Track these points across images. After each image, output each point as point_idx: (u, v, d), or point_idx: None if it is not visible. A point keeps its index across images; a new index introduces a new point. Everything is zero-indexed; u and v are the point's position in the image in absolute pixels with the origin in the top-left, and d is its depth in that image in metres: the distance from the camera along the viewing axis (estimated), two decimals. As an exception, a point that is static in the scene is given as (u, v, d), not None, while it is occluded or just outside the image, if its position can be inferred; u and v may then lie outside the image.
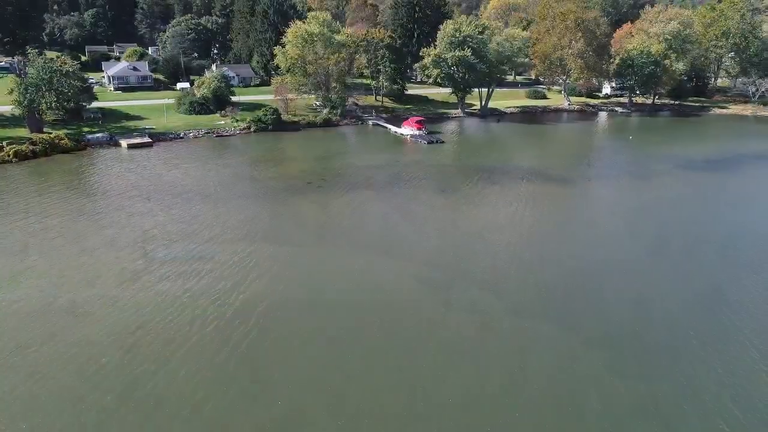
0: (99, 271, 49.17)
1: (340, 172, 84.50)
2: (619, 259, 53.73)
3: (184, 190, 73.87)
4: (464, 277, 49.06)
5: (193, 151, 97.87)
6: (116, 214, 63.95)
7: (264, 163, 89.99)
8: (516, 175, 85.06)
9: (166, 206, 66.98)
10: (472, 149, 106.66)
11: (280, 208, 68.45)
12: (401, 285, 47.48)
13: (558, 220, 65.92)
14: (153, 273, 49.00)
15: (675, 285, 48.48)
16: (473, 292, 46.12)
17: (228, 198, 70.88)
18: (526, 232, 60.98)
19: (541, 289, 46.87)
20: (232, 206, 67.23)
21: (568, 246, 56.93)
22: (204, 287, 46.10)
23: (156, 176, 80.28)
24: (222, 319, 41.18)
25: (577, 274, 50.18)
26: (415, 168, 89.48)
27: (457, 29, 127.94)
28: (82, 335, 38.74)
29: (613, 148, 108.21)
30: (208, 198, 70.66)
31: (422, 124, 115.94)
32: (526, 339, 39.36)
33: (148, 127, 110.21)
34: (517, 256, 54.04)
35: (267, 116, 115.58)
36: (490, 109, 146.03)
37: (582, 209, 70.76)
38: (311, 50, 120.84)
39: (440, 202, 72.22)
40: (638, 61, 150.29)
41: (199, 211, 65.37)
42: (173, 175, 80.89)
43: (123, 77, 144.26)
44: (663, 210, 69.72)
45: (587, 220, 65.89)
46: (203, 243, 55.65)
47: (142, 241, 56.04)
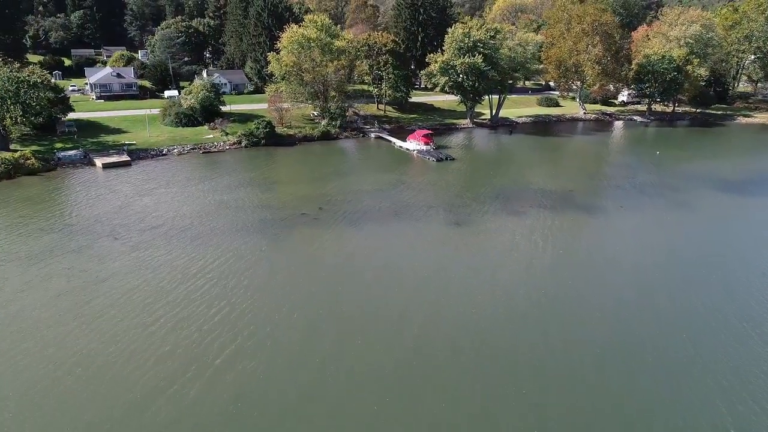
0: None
1: (339, 199, 74.30)
2: (680, 326, 43.66)
3: (156, 223, 63.72)
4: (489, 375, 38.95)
5: (175, 171, 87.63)
6: (65, 259, 53.74)
7: (253, 186, 79.75)
8: (537, 202, 74.94)
9: (129, 247, 56.81)
10: (486, 167, 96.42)
11: (265, 252, 58.01)
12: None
13: (597, 271, 55.63)
14: (88, 369, 38.87)
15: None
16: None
17: (206, 234, 60.68)
18: (561, 295, 50.78)
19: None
20: (208, 247, 57.01)
21: (623, 313, 46.82)
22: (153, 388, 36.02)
23: (127, 205, 70.03)
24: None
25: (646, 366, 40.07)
26: (424, 192, 79.33)
27: (467, 34, 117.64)
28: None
29: (640, 166, 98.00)
30: (183, 234, 60.46)
31: (430, 138, 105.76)
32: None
33: (128, 142, 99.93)
34: (563, 342, 43.89)
35: (259, 129, 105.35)
36: (500, 119, 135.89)
37: (622, 250, 60.48)
38: (308, 57, 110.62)
39: (452, 240, 61.96)
40: (659, 67, 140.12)
41: (167, 254, 55.18)
42: (147, 204, 70.65)
43: (106, 85, 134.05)
44: (716, 251, 59.65)
45: (633, 267, 55.61)
46: (158, 310, 45.49)
47: (83, 302, 45.90)
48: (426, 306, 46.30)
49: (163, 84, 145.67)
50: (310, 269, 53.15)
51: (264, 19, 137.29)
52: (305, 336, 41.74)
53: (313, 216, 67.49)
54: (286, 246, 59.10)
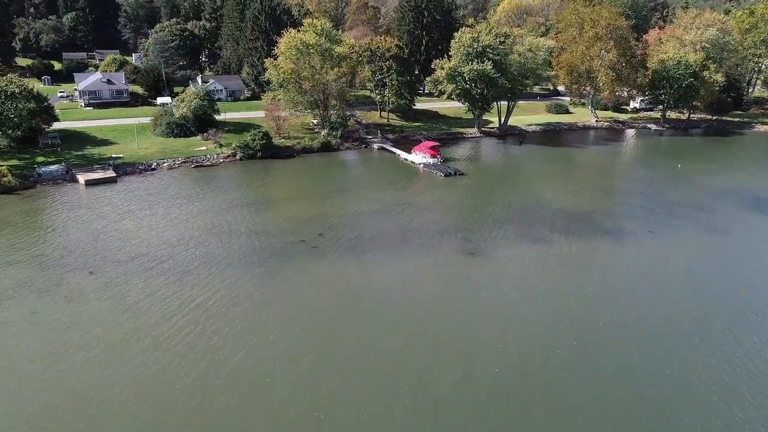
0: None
1: (341, 222, 67.91)
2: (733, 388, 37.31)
3: (136, 252, 57.39)
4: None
5: (164, 188, 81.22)
6: (29, 301, 47.36)
7: (247, 207, 73.32)
8: (556, 225, 68.58)
9: (103, 283, 50.48)
10: (497, 183, 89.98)
11: (256, 292, 51.50)
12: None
13: (632, 315, 49.14)
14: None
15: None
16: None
17: (190, 267, 54.34)
18: (592, 351, 44.37)
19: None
20: (191, 284, 50.66)
21: (669, 369, 40.44)
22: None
23: (106, 230, 63.63)
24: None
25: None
26: (432, 213, 72.96)
27: (476, 39, 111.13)
28: None
29: (663, 182, 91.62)
30: (164, 267, 54.12)
31: (437, 151, 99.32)
32: None
33: (115, 155, 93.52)
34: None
35: (255, 141, 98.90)
36: (509, 127, 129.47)
37: (658, 286, 54.07)
38: (307, 64, 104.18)
39: (464, 274, 55.54)
40: (674, 73, 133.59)
41: (143, 292, 48.82)
42: (129, 229, 64.25)
43: (95, 91, 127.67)
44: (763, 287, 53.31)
45: (674, 307, 49.21)
46: (128, 364, 39.13)
47: (41, 358, 39.53)
48: (442, 362, 39.90)
49: (156, 90, 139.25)
50: (306, 314, 46.75)
51: (261, 22, 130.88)
52: (300, 393, 35.38)
53: (311, 244, 61.11)
54: (279, 283, 52.62)
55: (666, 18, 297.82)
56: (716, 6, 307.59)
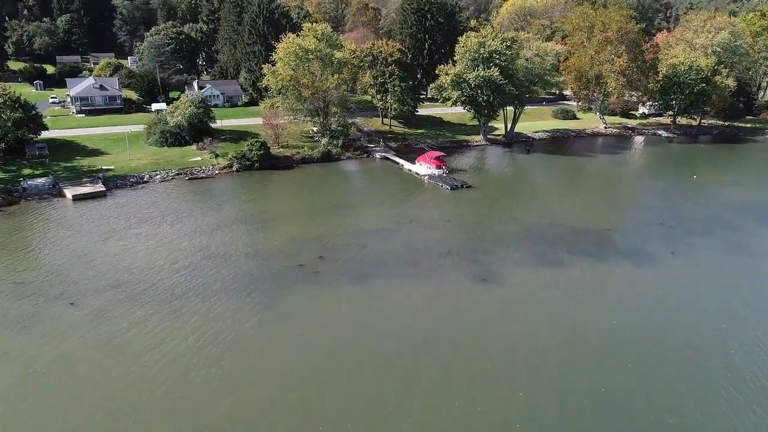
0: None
1: (342, 243, 63.65)
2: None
3: (121, 279, 53.20)
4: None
5: (154, 204, 76.93)
6: (1, 338, 43.09)
7: (243, 225, 69.05)
8: (572, 246, 64.35)
9: (85, 316, 46.20)
10: (506, 196, 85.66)
11: (249, 328, 47.22)
12: None
13: (660, 348, 44.89)
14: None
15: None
16: None
17: (178, 296, 50.09)
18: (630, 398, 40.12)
19: None
20: (176, 317, 46.43)
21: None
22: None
23: (91, 253, 59.38)
24: None
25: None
26: (439, 232, 68.78)
27: (482, 44, 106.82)
28: None
29: (680, 195, 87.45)
30: (149, 297, 49.89)
31: (442, 161, 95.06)
32: None
33: (105, 167, 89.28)
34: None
35: (253, 152, 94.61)
36: (516, 134, 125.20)
37: (688, 317, 49.85)
38: (306, 70, 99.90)
39: (477, 304, 51.31)
40: (686, 78, 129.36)
41: (126, 326, 44.58)
42: (115, 251, 60.01)
43: (87, 98, 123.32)
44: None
45: (704, 347, 44.99)
46: (105, 411, 34.92)
47: (11, 410, 35.33)
48: (452, 407, 35.68)
49: (151, 95, 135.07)
50: (303, 355, 42.54)
51: (259, 26, 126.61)
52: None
53: (311, 268, 56.89)
54: (275, 317, 48.33)
55: (670, 19, 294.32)
56: (721, 7, 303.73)
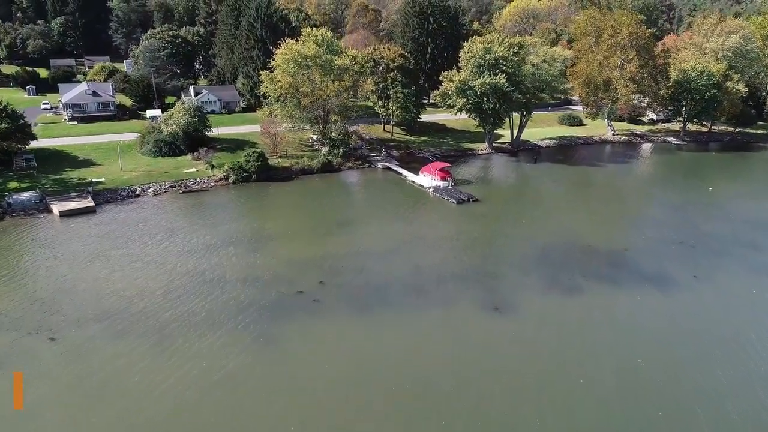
0: None
1: (344, 266, 59.75)
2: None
3: (106, 310, 49.33)
4: None
5: (145, 220, 72.93)
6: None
7: (238, 245, 65.06)
8: (589, 268, 60.68)
9: (63, 353, 42.31)
10: (516, 211, 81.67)
11: (242, 367, 43.30)
12: None
13: (691, 391, 41.03)
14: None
15: None
16: None
17: (166, 331, 46.21)
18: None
19: None
20: (162, 353, 42.54)
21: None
22: None
23: (76, 278, 55.45)
24: None
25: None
26: (446, 252, 64.91)
27: (488, 49, 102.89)
28: None
29: (697, 209, 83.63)
30: (134, 330, 45.97)
31: (447, 173, 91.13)
32: None
33: (96, 180, 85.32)
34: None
35: (250, 163, 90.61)
36: (522, 142, 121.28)
37: (720, 357, 46.00)
38: (306, 78, 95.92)
39: (491, 339, 47.43)
40: (697, 84, 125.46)
41: (109, 363, 40.68)
42: (100, 275, 56.07)
43: (79, 104, 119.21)
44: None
45: (740, 388, 41.18)
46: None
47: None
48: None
49: (146, 101, 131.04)
50: (298, 396, 38.69)
51: (257, 30, 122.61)
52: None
53: (311, 295, 53.02)
54: (271, 355, 44.41)
55: (673, 20, 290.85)
56: (725, 8, 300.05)
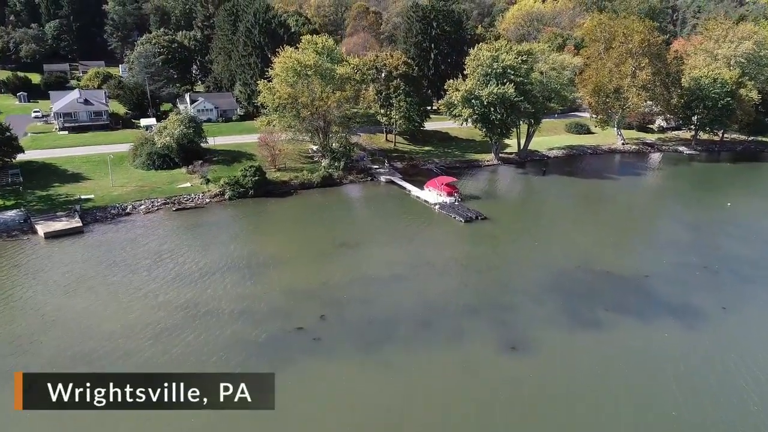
0: None
1: (347, 297, 55.58)
2: None
3: (83, 352, 45.16)
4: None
5: (135, 242, 68.68)
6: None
7: (233, 271, 60.76)
8: (609, 298, 56.69)
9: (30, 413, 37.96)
10: (526, 231, 77.38)
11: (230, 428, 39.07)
12: None
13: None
14: None
15: None
16: None
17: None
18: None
19: None
20: (148, 413, 38.18)
21: None
22: None
23: (55, 312, 51.15)
24: None
25: None
26: (456, 279, 60.77)
27: (495, 57, 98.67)
28: None
29: (715, 226, 79.61)
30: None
31: (453, 188, 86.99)
32: None
33: (85, 196, 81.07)
34: None
35: (247, 178, 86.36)
36: (529, 152, 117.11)
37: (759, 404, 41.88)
38: (305, 88, 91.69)
39: (506, 380, 43.19)
40: (710, 92, 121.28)
41: (79, 423, 36.54)
42: (81, 309, 51.77)
43: (71, 113, 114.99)
44: None
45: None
46: None
47: None
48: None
49: (140, 109, 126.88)
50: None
51: (255, 37, 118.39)
52: None
53: (311, 332, 48.84)
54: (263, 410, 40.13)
55: (676, 22, 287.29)
56: (730, 11, 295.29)
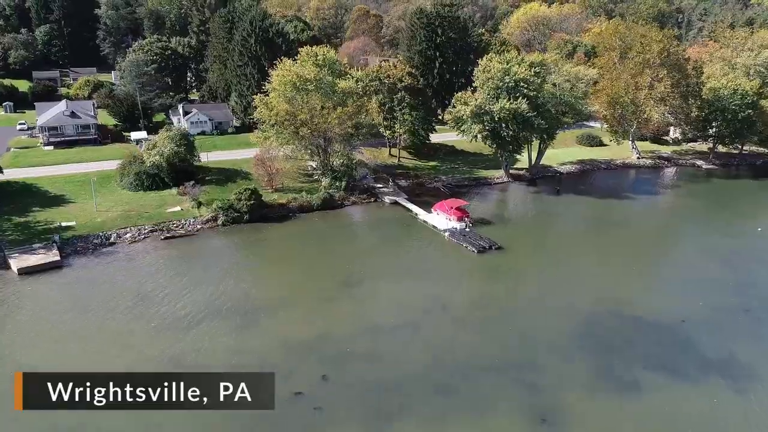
0: None
1: (351, 353, 49.48)
2: None
3: None
4: None
5: (117, 279, 62.51)
6: None
7: (223, 319, 54.42)
8: (644, 351, 50.95)
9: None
10: (545, 263, 71.11)
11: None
12: None
13: None
14: None
15: None
16: None
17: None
18: None
19: None
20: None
21: None
22: None
23: (11, 372, 44.81)
24: None
25: None
26: (473, 330, 54.61)
27: (507, 70, 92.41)
28: None
29: (749, 257, 73.62)
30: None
31: (464, 212, 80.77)
32: None
33: (66, 224, 74.84)
34: None
35: (242, 201, 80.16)
36: (540, 167, 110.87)
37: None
38: (304, 104, 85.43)
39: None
40: (730, 104, 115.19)
41: None
42: (46, 369, 45.46)
43: (56, 127, 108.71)
44: None
45: None
46: None
47: None
48: None
49: (131, 121, 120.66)
50: None
51: (251, 46, 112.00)
52: None
53: (311, 399, 42.75)
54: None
55: (681, 24, 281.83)
56: (737, 14, 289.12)
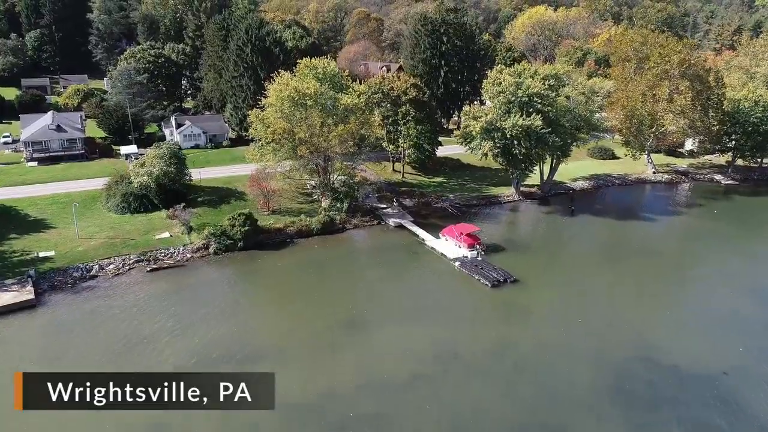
0: None
1: (354, 418, 43.56)
2: None
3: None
4: None
5: (94, 322, 56.45)
6: None
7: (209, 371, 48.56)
8: (683, 409, 45.92)
9: None
10: (566, 301, 64.81)
11: None
12: None
13: None
14: None
15: None
16: None
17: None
18: None
19: None
20: None
21: None
22: None
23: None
24: None
25: None
26: (491, 384, 48.67)
27: (520, 84, 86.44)
28: None
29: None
30: None
31: (475, 239, 74.93)
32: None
33: (43, 254, 68.93)
34: None
35: (235, 227, 74.25)
36: (552, 184, 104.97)
37: None
38: (303, 121, 79.51)
39: None
40: (751, 116, 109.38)
41: None
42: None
43: (41, 142, 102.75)
44: None
45: None
46: None
47: None
48: None
49: (121, 134, 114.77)
50: None
51: (247, 56, 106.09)
52: None
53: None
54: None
55: (687, 26, 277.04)
56: (744, 16, 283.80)
